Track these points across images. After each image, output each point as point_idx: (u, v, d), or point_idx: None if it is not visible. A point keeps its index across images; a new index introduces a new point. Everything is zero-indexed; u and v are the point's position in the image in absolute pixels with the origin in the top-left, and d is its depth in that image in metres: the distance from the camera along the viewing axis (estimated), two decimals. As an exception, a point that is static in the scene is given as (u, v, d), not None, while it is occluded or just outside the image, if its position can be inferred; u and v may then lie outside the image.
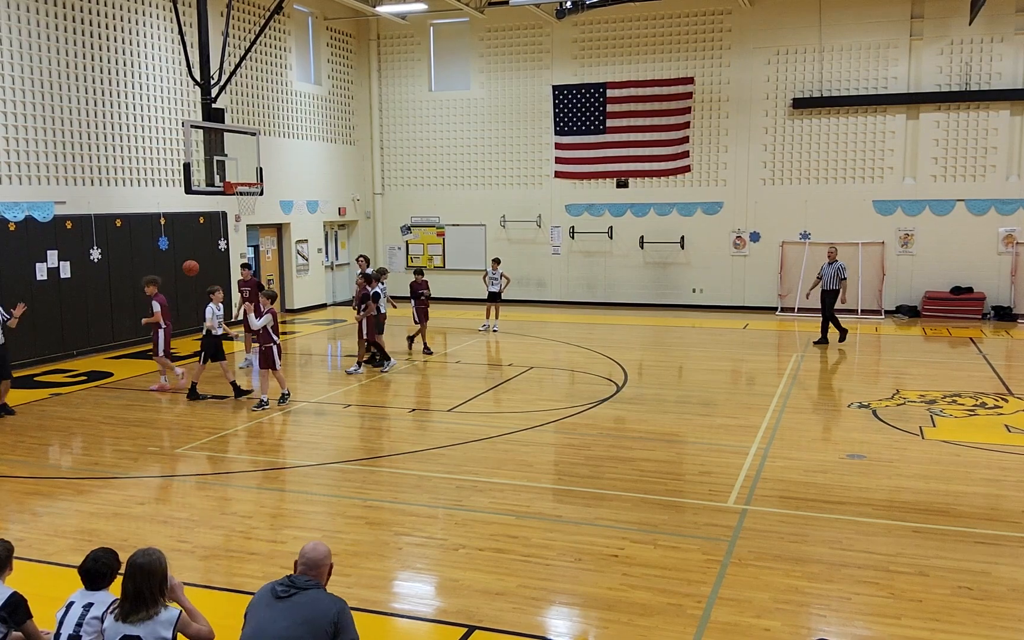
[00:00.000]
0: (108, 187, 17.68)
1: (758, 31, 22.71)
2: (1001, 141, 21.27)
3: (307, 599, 4.34)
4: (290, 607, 4.30)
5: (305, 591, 4.37)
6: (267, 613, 4.31)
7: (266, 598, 4.38)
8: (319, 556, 4.55)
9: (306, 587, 4.39)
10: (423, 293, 17.17)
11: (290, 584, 4.40)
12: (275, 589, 4.39)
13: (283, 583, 4.41)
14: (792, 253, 23.04)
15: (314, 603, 4.34)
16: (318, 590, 4.43)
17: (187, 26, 18.14)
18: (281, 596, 4.34)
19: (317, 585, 4.45)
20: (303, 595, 4.35)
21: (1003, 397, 13.03)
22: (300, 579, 4.43)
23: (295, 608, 4.30)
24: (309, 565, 4.52)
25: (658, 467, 9.85)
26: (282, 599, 4.33)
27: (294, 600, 4.33)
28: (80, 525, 8.15)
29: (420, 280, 17.43)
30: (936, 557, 7.20)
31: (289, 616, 4.27)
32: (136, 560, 4.43)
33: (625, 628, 6.07)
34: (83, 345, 17.04)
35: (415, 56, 25.86)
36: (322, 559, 4.55)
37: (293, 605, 4.31)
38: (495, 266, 20.33)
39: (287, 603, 4.32)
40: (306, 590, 4.38)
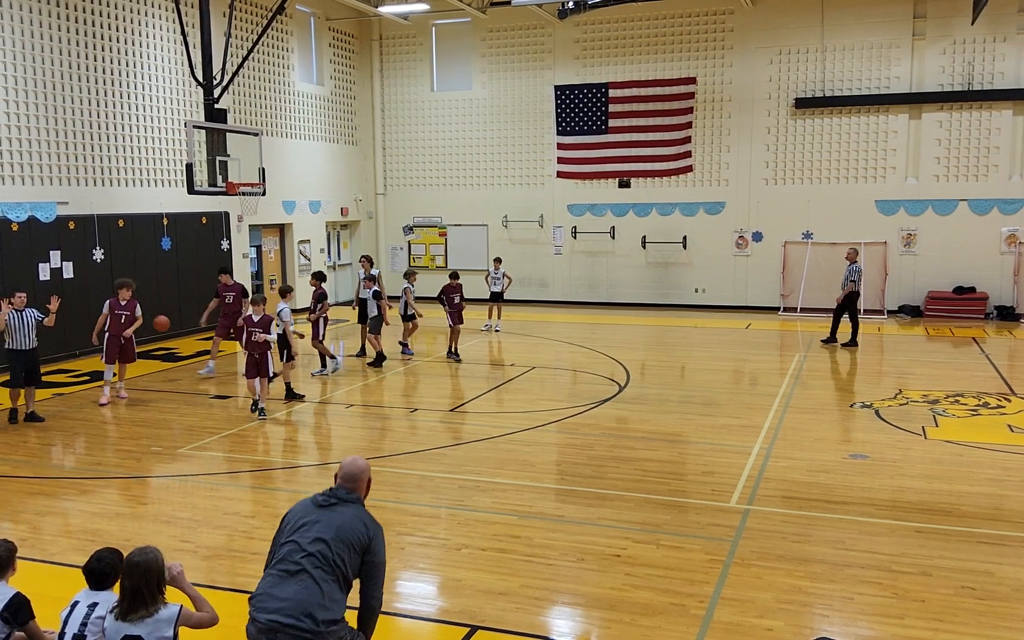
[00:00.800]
0: (111, 187, 17.69)
1: (760, 31, 22.70)
2: (1004, 141, 21.24)
3: (346, 512, 4.41)
4: (329, 515, 4.38)
5: (346, 503, 4.45)
6: (305, 518, 4.38)
7: (306, 506, 4.46)
8: (358, 470, 4.61)
9: (347, 500, 4.46)
10: (455, 297, 16.66)
11: (331, 495, 4.47)
12: (316, 498, 4.47)
13: (325, 493, 4.48)
14: (794, 253, 23.02)
15: (353, 518, 4.40)
16: (359, 506, 4.49)
17: (189, 26, 18.15)
18: (322, 505, 4.43)
19: (358, 500, 4.52)
20: (343, 506, 4.43)
21: (1006, 397, 13.01)
22: (341, 491, 4.49)
23: (334, 516, 4.37)
24: (348, 478, 4.57)
25: (661, 467, 9.84)
26: (323, 507, 4.42)
27: (334, 509, 4.41)
28: (83, 525, 8.16)
29: (452, 284, 16.96)
30: (939, 557, 7.19)
31: (326, 523, 4.34)
32: (133, 559, 4.42)
33: (628, 628, 6.07)
34: (85, 345, 17.00)
35: (417, 56, 25.87)
36: (360, 472, 4.61)
37: (332, 514, 4.39)
38: (497, 265, 20.29)
39: (327, 511, 4.40)
40: (347, 502, 4.45)
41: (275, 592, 4.23)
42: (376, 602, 4.47)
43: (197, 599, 4.67)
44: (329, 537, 4.31)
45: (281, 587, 4.23)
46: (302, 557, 4.27)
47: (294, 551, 4.31)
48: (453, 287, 16.81)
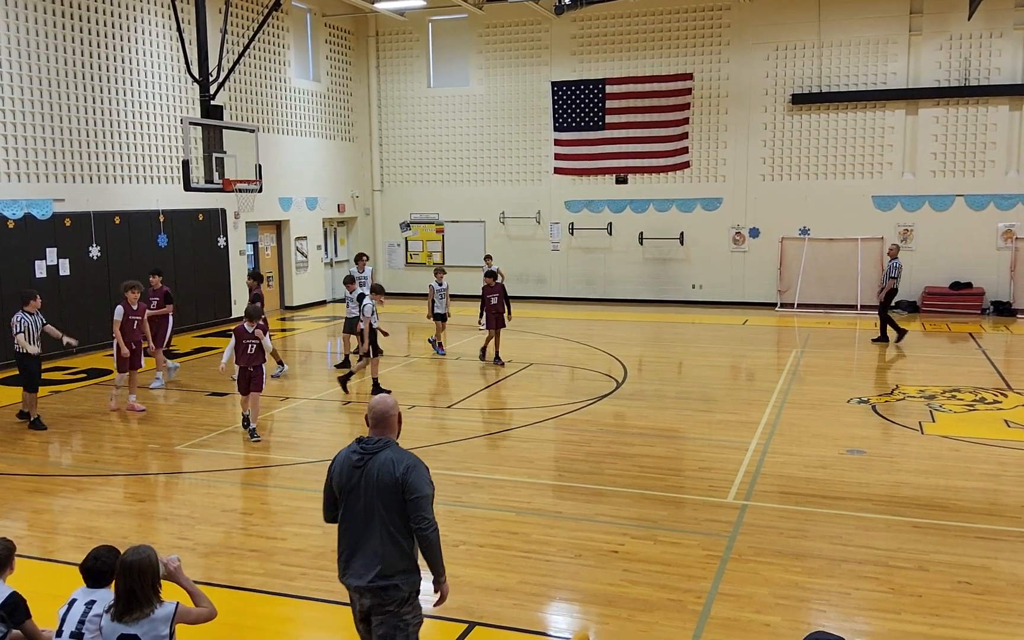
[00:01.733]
0: (107, 184, 17.66)
1: (757, 27, 22.70)
2: (1000, 136, 21.26)
3: (377, 464, 4.44)
4: (365, 477, 4.44)
5: (375, 456, 4.46)
6: (351, 480, 4.47)
7: (348, 466, 4.50)
8: (386, 408, 4.60)
9: (376, 450, 4.47)
10: (491, 298, 15.62)
11: (362, 451, 4.49)
12: (351, 458, 4.50)
13: (357, 451, 4.49)
14: (791, 249, 23.04)
15: (383, 467, 4.42)
16: (388, 449, 4.49)
17: (185, 23, 18.11)
18: (357, 466, 4.47)
19: (387, 443, 4.52)
20: (374, 461, 4.45)
21: (1002, 392, 13.04)
22: (370, 442, 4.51)
23: (369, 477, 4.43)
24: (377, 420, 4.57)
25: (658, 463, 9.85)
26: (358, 468, 4.46)
27: (368, 468, 4.45)
28: (80, 522, 8.15)
29: (489, 284, 15.83)
30: (936, 552, 7.21)
31: (366, 487, 4.43)
32: (127, 559, 4.38)
33: (625, 624, 6.08)
34: (82, 343, 16.93)
35: (414, 52, 25.84)
36: (387, 412, 4.59)
37: (367, 475, 4.44)
38: (488, 262, 19.99)
39: (363, 472, 4.45)
40: (376, 454, 4.47)
41: (353, 562, 4.47)
42: (430, 532, 4.44)
43: (195, 594, 4.66)
44: (373, 498, 4.41)
45: (355, 557, 4.46)
46: (362, 525, 4.43)
47: (353, 521, 4.47)
48: (491, 287, 15.73)
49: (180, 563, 4.68)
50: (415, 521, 4.42)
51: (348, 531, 4.51)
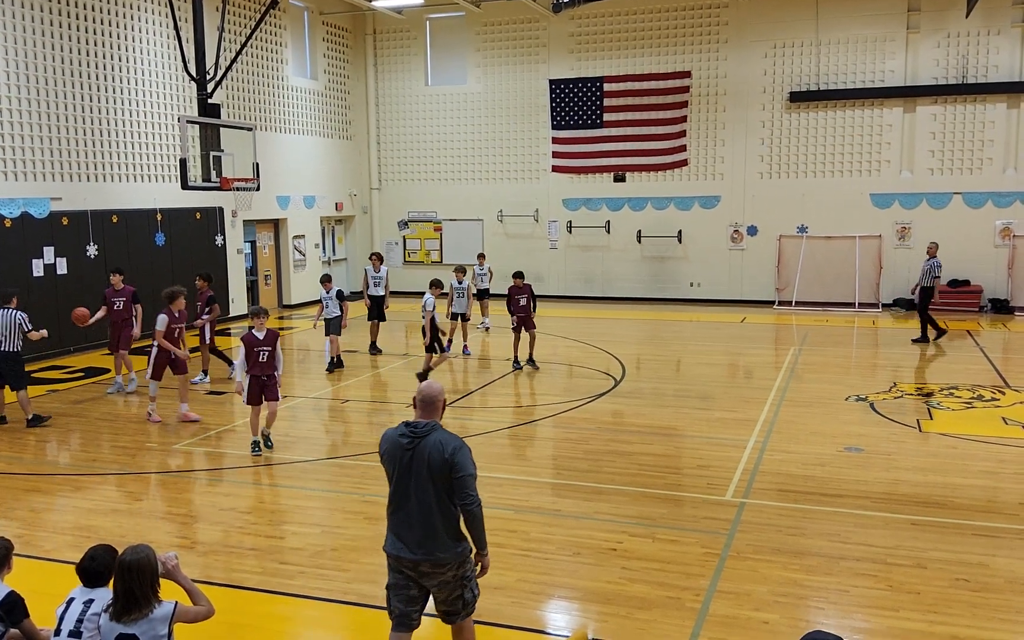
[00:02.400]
0: (104, 183, 17.63)
1: (755, 25, 22.69)
2: (998, 134, 21.28)
3: (427, 445, 4.75)
4: (416, 457, 4.76)
5: (424, 438, 4.77)
6: (401, 461, 4.79)
7: (397, 448, 4.82)
8: (433, 393, 4.93)
9: (424, 433, 4.78)
10: (520, 299, 14.85)
11: (412, 434, 4.79)
12: (400, 442, 4.81)
13: (406, 435, 4.80)
14: (789, 247, 23.05)
15: (433, 448, 4.74)
16: (436, 432, 4.80)
17: (182, 21, 18.07)
18: (408, 447, 4.78)
19: (434, 426, 4.82)
20: (424, 442, 4.76)
21: (1000, 389, 13.05)
22: (419, 425, 4.82)
23: (420, 457, 4.75)
24: (425, 403, 4.89)
25: (656, 461, 9.86)
26: (409, 449, 4.78)
27: (418, 449, 4.76)
28: (78, 521, 8.14)
29: (517, 284, 15.03)
30: (934, 549, 7.22)
31: (418, 467, 4.75)
32: (124, 559, 4.36)
33: (624, 622, 6.08)
34: (80, 341, 17.00)
35: (411, 51, 25.81)
36: (435, 397, 4.91)
37: (418, 455, 4.76)
38: (481, 261, 19.70)
39: (414, 454, 4.76)
40: (425, 436, 4.77)
41: (405, 536, 4.80)
42: (474, 507, 4.77)
43: (193, 592, 4.65)
44: (424, 476, 4.73)
45: (404, 531, 4.80)
46: (414, 502, 4.76)
47: (404, 498, 4.79)
48: (519, 288, 14.97)
49: (178, 561, 4.67)
50: (461, 498, 4.75)
51: (400, 507, 4.82)
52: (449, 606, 4.94)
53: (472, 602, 4.99)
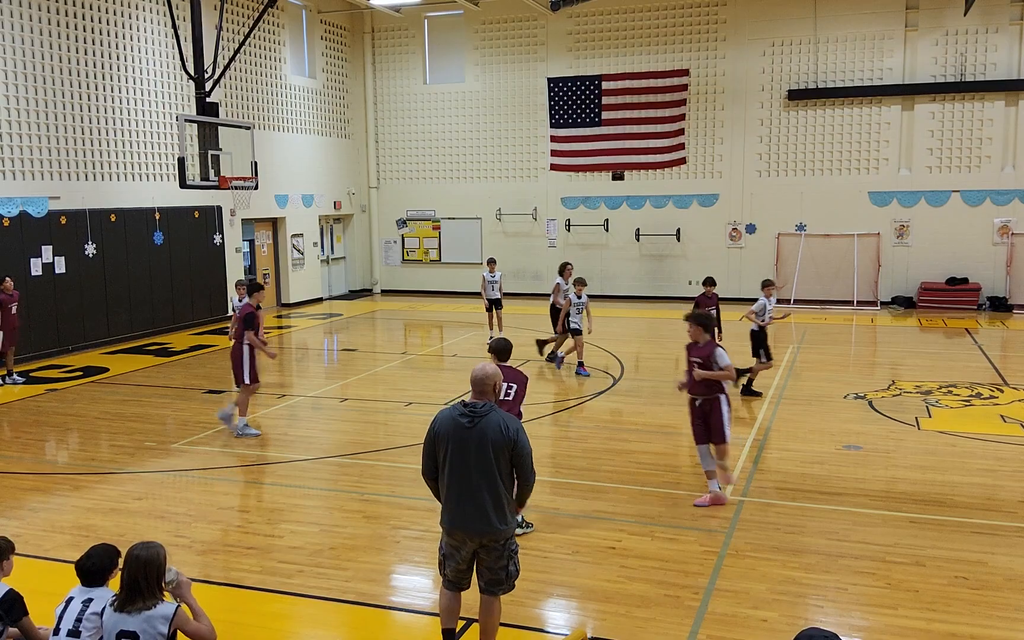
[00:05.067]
0: (102, 182, 17.61)
1: (753, 22, 22.69)
2: (996, 132, 21.29)
3: (488, 423, 5.06)
4: (479, 434, 5.05)
5: (485, 417, 5.07)
6: (460, 440, 5.07)
7: (455, 427, 5.09)
8: (485, 376, 5.23)
9: (485, 413, 5.09)
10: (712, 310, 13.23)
11: (472, 413, 5.08)
12: (459, 420, 5.09)
13: (466, 415, 5.08)
14: (788, 245, 23.05)
15: (495, 427, 5.05)
16: (494, 412, 5.11)
17: (180, 20, 18.05)
18: (468, 427, 5.06)
19: (492, 407, 5.14)
20: (484, 421, 5.06)
21: (998, 387, 13.06)
22: (478, 405, 5.12)
23: (482, 436, 5.04)
24: (478, 388, 5.21)
25: (655, 459, 9.86)
26: (470, 428, 5.06)
27: (479, 427, 5.05)
28: (77, 520, 8.13)
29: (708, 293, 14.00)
30: (932, 547, 7.22)
31: (479, 445, 5.05)
32: (134, 551, 4.46)
33: (623, 620, 6.08)
34: (78, 340, 17.00)
35: (409, 49, 25.80)
36: (487, 379, 5.22)
37: (480, 432, 5.05)
38: (492, 267, 17.40)
39: (475, 431, 5.05)
40: (486, 415, 5.08)
41: (463, 510, 5.10)
42: (530, 476, 5.23)
43: (198, 613, 4.66)
44: (485, 453, 5.03)
45: (463, 505, 5.09)
46: (472, 478, 5.05)
47: (462, 475, 5.08)
48: (709, 297, 13.93)
49: (190, 585, 4.70)
50: (522, 471, 5.16)
51: (456, 484, 5.10)
52: (494, 575, 5.24)
53: (515, 575, 5.31)
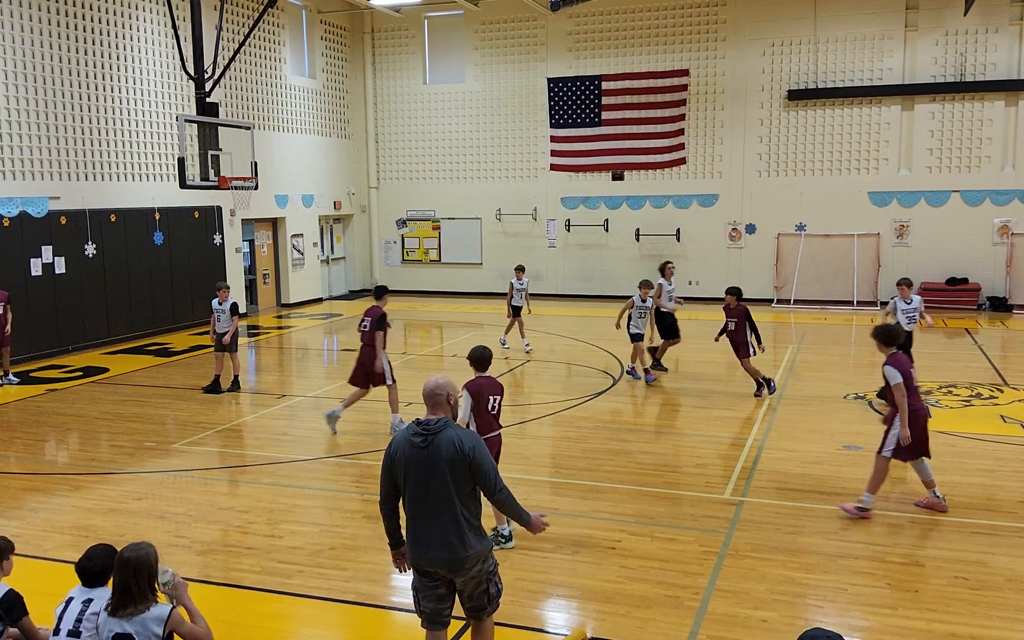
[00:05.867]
0: (102, 182, 17.61)
1: (753, 22, 22.69)
2: (996, 132, 21.29)
3: (442, 440, 4.66)
4: (433, 453, 4.65)
5: (439, 434, 4.67)
6: (415, 462, 4.67)
7: (408, 450, 4.70)
8: (437, 386, 4.82)
9: (438, 430, 4.68)
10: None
11: (425, 431, 4.68)
12: (412, 440, 4.69)
13: (418, 434, 4.68)
14: (788, 245, 23.05)
15: (449, 443, 4.65)
16: (448, 428, 4.72)
17: (180, 20, 18.05)
18: (421, 446, 4.66)
19: (447, 422, 4.74)
20: (438, 438, 4.66)
21: (998, 387, 13.06)
22: (431, 423, 4.71)
23: (436, 455, 4.64)
24: (430, 399, 4.80)
25: (655, 459, 9.86)
26: (422, 448, 4.66)
27: (433, 445, 4.65)
28: (76, 521, 8.14)
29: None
30: (932, 547, 7.22)
31: (434, 465, 4.65)
32: (124, 555, 4.42)
33: (623, 620, 6.08)
34: (78, 341, 17.00)
35: (409, 49, 25.80)
36: (440, 389, 4.81)
37: (433, 453, 4.65)
38: (520, 275, 16.60)
39: (429, 450, 4.65)
40: (439, 432, 4.68)
41: (426, 537, 4.71)
42: (502, 495, 4.80)
43: (195, 614, 4.64)
44: (441, 473, 4.63)
45: (426, 534, 4.70)
46: (432, 502, 4.66)
47: (421, 499, 4.68)
48: (733, 308, 13.14)
49: (187, 588, 4.69)
50: (489, 492, 4.76)
51: (419, 510, 4.72)
52: (475, 601, 4.95)
53: (497, 597, 5.01)
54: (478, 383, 7.44)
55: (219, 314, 13.28)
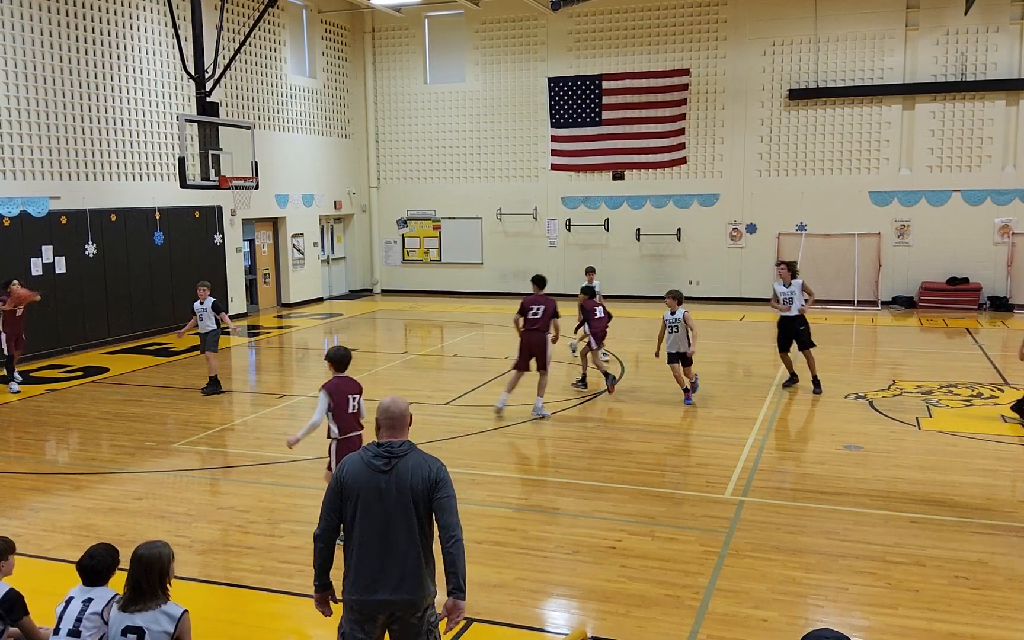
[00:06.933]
0: (103, 182, 17.62)
1: (754, 22, 22.68)
2: (997, 131, 21.28)
3: (408, 464, 4.33)
4: (397, 479, 4.29)
5: (404, 457, 4.35)
6: (374, 488, 4.30)
7: (368, 474, 4.33)
8: (399, 410, 4.48)
9: (403, 453, 4.36)
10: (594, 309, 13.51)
11: (388, 454, 4.35)
12: (373, 463, 4.33)
13: (380, 456, 4.34)
14: (788, 245, 23.04)
15: (416, 468, 4.33)
16: (415, 452, 4.41)
17: (181, 20, 18.05)
18: (383, 470, 4.31)
19: (411, 446, 4.42)
20: (403, 462, 4.34)
21: (999, 387, 13.05)
22: (394, 446, 4.37)
23: (400, 481, 4.29)
24: (392, 421, 4.45)
25: (655, 459, 9.86)
26: (384, 473, 4.31)
27: (397, 470, 4.31)
28: (77, 520, 8.14)
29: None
30: (933, 547, 7.22)
31: (397, 492, 4.28)
32: (139, 551, 4.50)
33: (623, 620, 6.08)
34: (79, 340, 17.00)
35: (410, 49, 25.80)
36: (402, 414, 4.49)
37: (397, 479, 4.30)
38: (591, 277, 15.96)
39: (392, 475, 4.30)
40: (404, 455, 4.36)
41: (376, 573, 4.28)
42: (461, 534, 4.40)
43: None
44: (405, 501, 4.30)
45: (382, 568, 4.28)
46: (388, 534, 4.29)
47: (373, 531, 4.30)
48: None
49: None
50: (447, 522, 4.36)
51: (370, 542, 4.32)
52: None
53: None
54: (335, 383, 7.41)
55: (201, 314, 13.13)
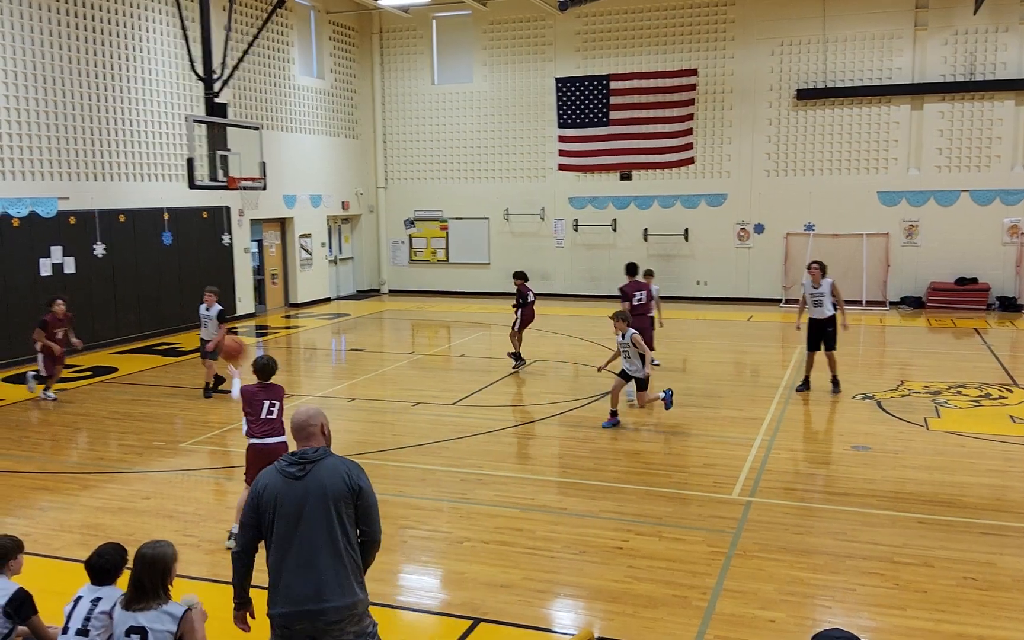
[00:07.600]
0: (111, 182, 17.69)
1: (761, 22, 22.64)
2: (1006, 131, 21.19)
3: (323, 470, 4.16)
4: (313, 485, 4.12)
5: (319, 462, 4.18)
6: (290, 496, 4.12)
7: (283, 483, 4.16)
8: (308, 416, 4.32)
9: (318, 459, 4.19)
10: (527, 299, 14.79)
11: (303, 461, 4.18)
12: (287, 471, 4.16)
13: (294, 463, 4.17)
14: (796, 245, 22.98)
15: (331, 475, 4.15)
16: (330, 457, 4.25)
17: (189, 20, 18.13)
18: (296, 477, 4.14)
19: (327, 451, 4.26)
20: (318, 467, 4.16)
21: (1008, 388, 13.00)
22: (308, 453, 4.21)
23: (315, 489, 4.11)
24: (301, 431, 4.31)
25: (662, 460, 9.85)
26: (298, 480, 4.13)
27: (313, 475, 4.14)
28: (86, 520, 8.17)
29: None
30: (941, 548, 7.19)
31: (315, 494, 4.10)
32: (142, 550, 4.51)
33: (630, 620, 6.08)
34: (87, 340, 17.02)
35: (418, 49, 25.83)
36: (310, 420, 4.31)
37: (314, 482, 4.12)
38: (649, 279, 15.02)
39: (308, 481, 4.12)
40: (319, 461, 4.19)
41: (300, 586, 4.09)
42: (378, 534, 4.29)
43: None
44: (323, 507, 4.10)
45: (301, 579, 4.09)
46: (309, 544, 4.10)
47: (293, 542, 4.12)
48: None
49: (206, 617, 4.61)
50: (370, 525, 4.24)
51: (289, 554, 4.11)
52: None
53: None
54: (252, 390, 7.39)
55: (205, 320, 13.07)
